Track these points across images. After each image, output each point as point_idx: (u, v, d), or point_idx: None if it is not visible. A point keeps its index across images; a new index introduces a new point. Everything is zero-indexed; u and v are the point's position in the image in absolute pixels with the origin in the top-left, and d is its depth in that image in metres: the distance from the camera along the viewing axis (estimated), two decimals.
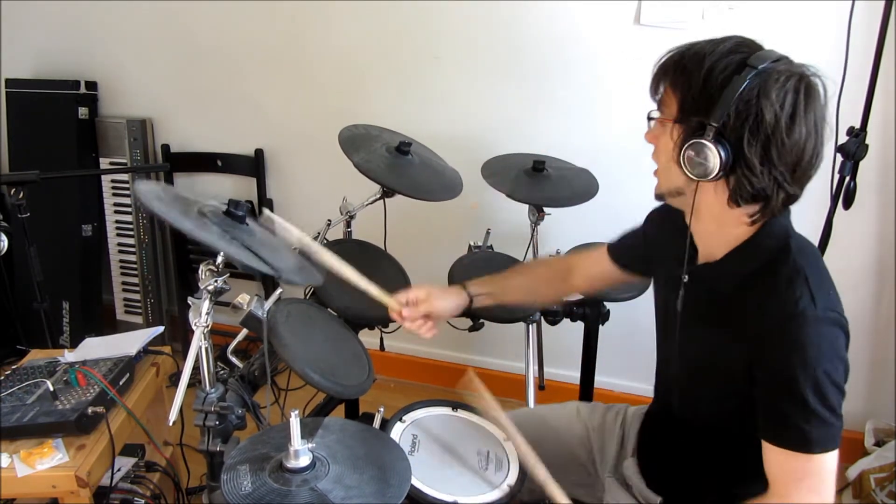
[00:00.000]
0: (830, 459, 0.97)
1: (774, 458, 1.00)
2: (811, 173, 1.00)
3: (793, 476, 0.98)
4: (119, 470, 1.68)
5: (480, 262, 1.86)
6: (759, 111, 0.94)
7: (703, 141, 0.96)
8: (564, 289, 1.49)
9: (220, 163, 2.63)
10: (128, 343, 1.68)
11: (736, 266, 1.06)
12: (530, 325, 1.83)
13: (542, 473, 1.14)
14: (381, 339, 1.80)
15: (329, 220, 1.70)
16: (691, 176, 1.00)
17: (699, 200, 1.05)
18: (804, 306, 0.96)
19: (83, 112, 2.60)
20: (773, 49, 0.99)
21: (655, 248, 1.28)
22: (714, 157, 0.96)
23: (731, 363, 1.05)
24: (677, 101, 1.02)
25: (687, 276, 1.15)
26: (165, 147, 2.66)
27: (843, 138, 1.73)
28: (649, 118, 1.10)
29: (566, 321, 1.84)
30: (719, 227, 1.06)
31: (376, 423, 1.24)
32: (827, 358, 0.94)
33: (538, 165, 1.86)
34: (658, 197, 1.14)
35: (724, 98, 0.95)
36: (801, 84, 0.96)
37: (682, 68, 1.01)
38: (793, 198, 1.01)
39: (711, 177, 0.98)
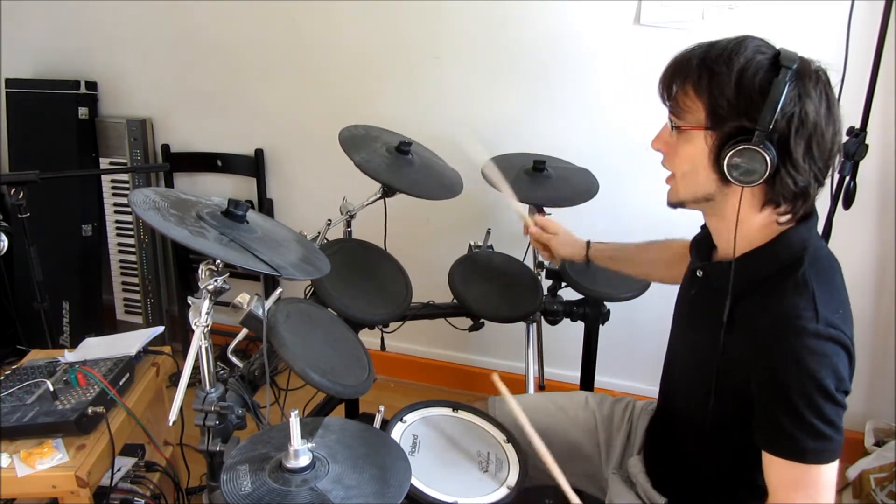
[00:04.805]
0: (828, 471, 0.95)
1: (771, 466, 0.98)
2: (834, 164, 1.02)
3: (790, 485, 0.96)
4: (119, 470, 1.68)
5: (481, 261, 1.87)
6: (802, 111, 0.95)
7: (752, 146, 0.95)
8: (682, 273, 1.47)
9: (220, 163, 2.63)
10: (128, 343, 1.68)
11: (748, 269, 1.04)
12: (530, 325, 1.83)
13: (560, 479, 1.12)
14: (382, 339, 1.80)
15: (329, 220, 1.70)
16: (736, 182, 0.98)
17: (728, 203, 1.04)
18: (805, 320, 0.94)
19: (83, 112, 2.60)
20: (783, 47, 0.99)
21: None
22: (763, 160, 0.95)
23: (731, 365, 1.04)
24: (705, 106, 0.99)
25: (701, 272, 1.15)
26: (165, 147, 2.66)
27: (843, 138, 1.73)
28: (673, 127, 1.04)
29: (566, 321, 1.84)
30: (742, 229, 1.04)
31: (376, 423, 1.24)
32: (823, 373, 0.93)
33: (538, 165, 1.86)
34: (676, 205, 1.11)
35: (769, 101, 0.94)
36: (826, 78, 0.98)
37: (708, 71, 0.98)
38: (816, 193, 1.02)
39: (760, 180, 0.97)
